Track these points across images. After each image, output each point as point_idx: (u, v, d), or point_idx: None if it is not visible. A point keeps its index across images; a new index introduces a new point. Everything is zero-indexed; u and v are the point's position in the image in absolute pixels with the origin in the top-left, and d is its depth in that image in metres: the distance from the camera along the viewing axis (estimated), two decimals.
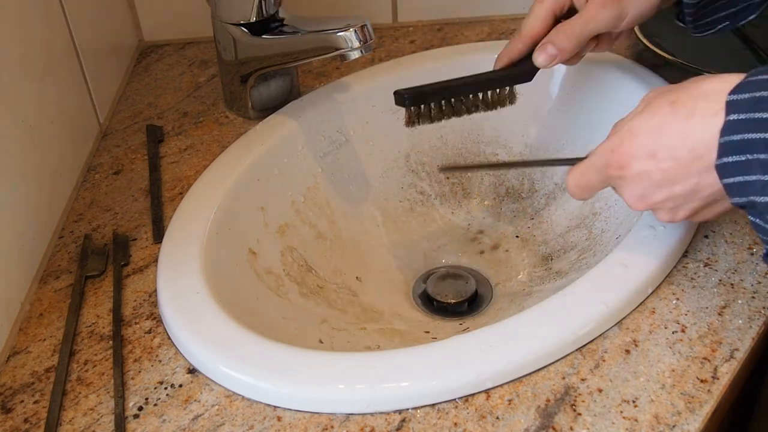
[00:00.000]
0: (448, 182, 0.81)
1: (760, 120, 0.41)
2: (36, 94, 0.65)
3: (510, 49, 0.63)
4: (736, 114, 0.42)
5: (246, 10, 0.71)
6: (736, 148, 0.42)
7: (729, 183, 0.43)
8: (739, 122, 0.42)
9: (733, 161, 0.42)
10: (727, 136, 0.42)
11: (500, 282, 0.74)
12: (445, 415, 0.49)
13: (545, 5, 0.61)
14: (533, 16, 0.62)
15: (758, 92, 0.41)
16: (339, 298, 0.69)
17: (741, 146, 0.41)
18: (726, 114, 0.42)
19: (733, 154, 0.42)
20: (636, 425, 0.47)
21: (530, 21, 0.62)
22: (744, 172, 0.42)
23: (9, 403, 0.52)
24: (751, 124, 0.41)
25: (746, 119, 0.41)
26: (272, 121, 0.75)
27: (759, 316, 0.53)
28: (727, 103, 0.43)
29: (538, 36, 0.61)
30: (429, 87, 0.62)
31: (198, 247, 0.60)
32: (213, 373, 0.52)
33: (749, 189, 0.42)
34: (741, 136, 0.41)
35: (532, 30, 0.62)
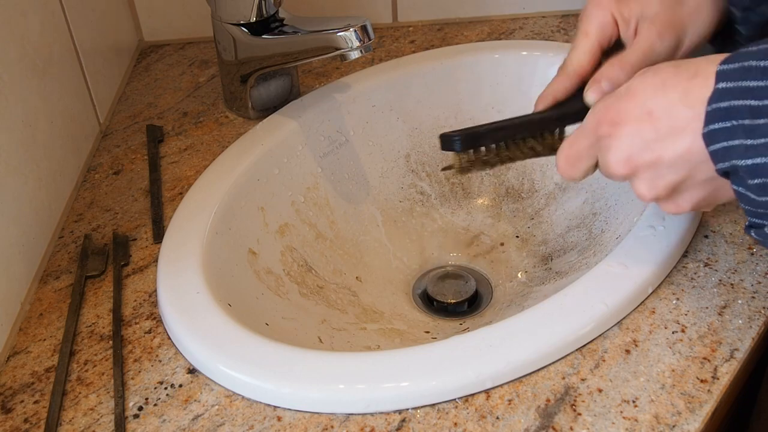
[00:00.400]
0: (448, 182, 0.81)
1: (746, 88, 0.41)
2: (36, 94, 0.65)
3: (555, 87, 0.57)
4: (724, 82, 0.42)
5: (246, 10, 0.71)
6: (723, 114, 0.42)
7: (714, 149, 0.43)
8: (726, 90, 0.42)
9: (719, 128, 0.42)
10: (714, 103, 0.42)
11: (500, 282, 0.74)
12: (445, 415, 0.49)
13: (591, 38, 0.56)
14: (580, 50, 0.56)
15: (747, 62, 0.42)
16: (339, 298, 0.69)
17: (727, 113, 0.42)
18: (715, 83, 0.43)
19: (719, 120, 0.42)
20: (636, 425, 0.47)
21: (577, 56, 0.56)
22: (728, 138, 0.42)
23: (9, 403, 0.52)
24: (737, 91, 0.41)
25: (734, 87, 0.42)
26: (272, 121, 0.75)
27: (759, 316, 0.53)
28: (717, 73, 0.43)
29: (586, 73, 0.56)
30: (480, 128, 0.55)
31: (198, 247, 0.60)
32: (213, 373, 0.52)
33: (732, 153, 0.42)
34: (728, 103, 0.42)
35: (579, 66, 0.56)
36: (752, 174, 0.41)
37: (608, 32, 0.56)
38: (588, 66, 0.56)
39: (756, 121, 0.41)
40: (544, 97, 0.58)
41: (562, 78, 0.57)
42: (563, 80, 0.57)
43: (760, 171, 0.41)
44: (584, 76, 0.56)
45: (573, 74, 0.56)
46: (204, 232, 0.61)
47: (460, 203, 0.80)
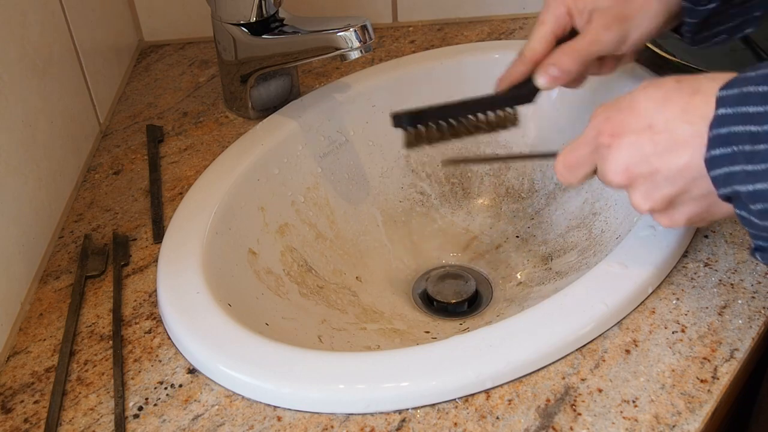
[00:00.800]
0: (448, 182, 0.81)
1: (746, 114, 0.42)
2: (36, 94, 0.65)
3: (511, 71, 0.62)
4: (724, 108, 0.43)
5: (246, 10, 0.71)
6: (723, 140, 0.42)
7: (716, 175, 0.43)
8: (726, 116, 0.42)
9: (720, 153, 0.43)
10: (715, 129, 0.43)
11: (500, 282, 0.74)
12: (445, 415, 0.49)
13: (547, 27, 0.60)
14: (535, 38, 0.60)
15: (746, 87, 0.42)
16: (339, 298, 0.69)
17: (727, 139, 0.42)
18: (716, 108, 0.43)
19: (720, 146, 0.43)
20: (636, 425, 0.47)
21: (532, 43, 0.60)
22: (729, 163, 0.42)
23: (9, 403, 0.52)
24: (737, 117, 0.42)
25: (734, 113, 0.42)
26: (272, 121, 0.75)
27: (759, 316, 0.53)
28: (717, 99, 0.43)
29: (539, 58, 0.60)
30: (428, 108, 0.61)
31: (198, 247, 0.60)
32: (213, 373, 0.52)
33: (733, 179, 0.42)
34: (728, 129, 0.42)
35: (533, 52, 0.60)
36: (754, 199, 0.42)
37: (562, 22, 0.60)
38: (542, 52, 0.60)
39: (756, 147, 0.41)
40: (501, 80, 0.63)
41: (518, 63, 0.61)
42: (519, 65, 0.61)
43: (761, 197, 0.42)
44: (538, 61, 0.60)
45: (528, 60, 0.61)
46: (204, 232, 0.61)
47: (460, 203, 0.80)
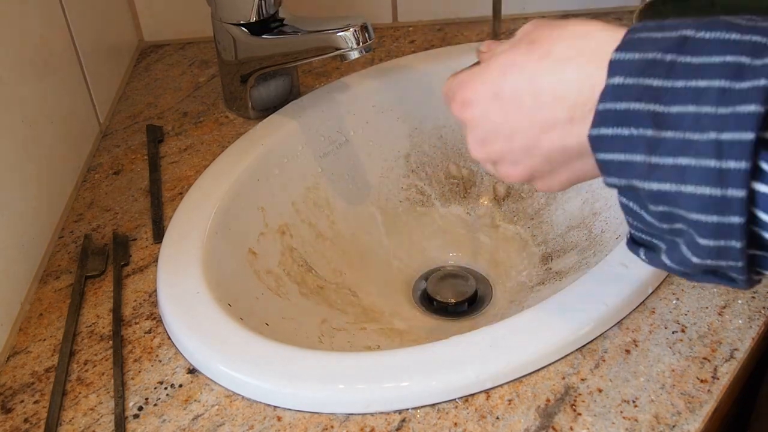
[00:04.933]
0: (448, 182, 0.81)
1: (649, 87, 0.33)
2: (36, 94, 0.65)
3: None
4: (621, 77, 0.34)
5: (246, 10, 0.71)
6: (619, 119, 0.34)
7: (606, 160, 0.35)
8: (623, 87, 0.34)
9: (612, 134, 0.34)
10: (608, 102, 0.34)
11: (500, 282, 0.74)
12: (445, 415, 0.49)
13: None
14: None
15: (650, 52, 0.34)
16: (339, 298, 0.69)
17: (623, 117, 0.34)
18: (609, 75, 0.35)
19: (613, 125, 0.34)
20: (636, 425, 0.47)
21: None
22: (626, 150, 0.34)
23: (9, 403, 0.52)
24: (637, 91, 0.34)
25: (633, 84, 0.34)
26: (272, 121, 0.75)
27: (759, 316, 0.53)
28: (611, 63, 0.35)
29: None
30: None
31: (198, 247, 0.60)
32: (213, 373, 0.52)
33: (631, 171, 0.35)
34: (626, 105, 0.34)
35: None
36: (655, 200, 0.35)
37: None
38: None
39: (661, 133, 0.33)
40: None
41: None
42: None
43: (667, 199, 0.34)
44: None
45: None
46: (204, 232, 0.61)
47: (460, 203, 0.80)
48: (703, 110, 0.32)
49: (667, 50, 0.33)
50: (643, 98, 0.34)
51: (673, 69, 0.33)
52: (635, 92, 0.34)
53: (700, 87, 0.32)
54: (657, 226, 0.36)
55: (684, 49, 0.33)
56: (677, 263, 0.37)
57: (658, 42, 0.34)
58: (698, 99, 0.32)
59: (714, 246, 0.33)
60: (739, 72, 0.31)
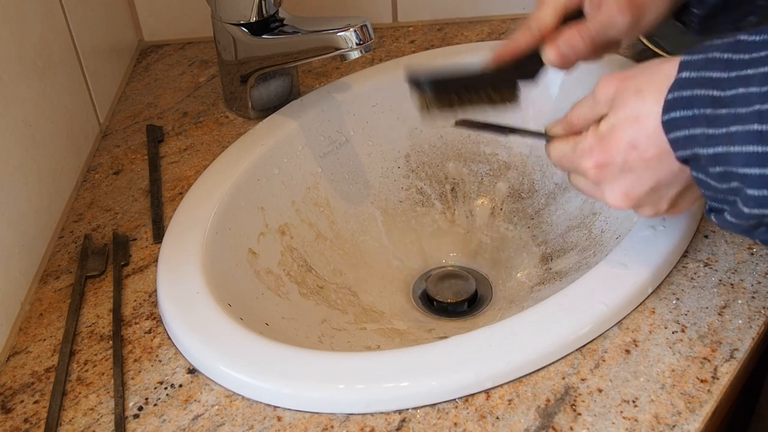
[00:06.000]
0: (448, 182, 0.81)
1: (710, 78, 0.42)
2: (36, 94, 0.65)
3: (517, 41, 0.60)
4: (687, 72, 0.43)
5: (246, 10, 0.71)
6: (684, 103, 0.43)
7: (675, 137, 0.44)
8: (690, 80, 0.43)
9: (680, 116, 0.43)
10: (676, 91, 0.43)
11: (500, 282, 0.74)
12: (445, 415, 0.49)
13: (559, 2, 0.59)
14: (545, 11, 0.59)
15: (711, 53, 0.43)
16: (339, 298, 0.69)
17: (689, 102, 0.42)
18: (678, 71, 0.43)
19: (680, 108, 0.43)
20: (636, 425, 0.47)
21: (542, 16, 0.59)
22: (690, 126, 0.43)
23: (9, 403, 0.52)
24: (700, 81, 0.42)
25: (697, 77, 0.43)
26: (272, 121, 0.75)
27: (759, 316, 0.53)
28: (681, 62, 0.44)
29: (548, 31, 0.59)
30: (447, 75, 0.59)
31: (198, 247, 0.60)
32: (213, 373, 0.52)
33: (694, 142, 0.43)
34: (690, 91, 0.43)
35: (543, 24, 0.59)
36: (713, 162, 0.42)
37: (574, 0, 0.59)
38: (551, 26, 0.59)
39: (718, 111, 0.41)
40: (505, 49, 0.61)
41: (524, 33, 0.60)
42: (525, 35, 0.59)
43: (721, 159, 0.42)
44: (545, 34, 0.59)
45: (536, 31, 0.59)
46: (204, 232, 0.61)
47: (460, 203, 0.80)
48: (750, 90, 0.40)
49: (725, 50, 0.42)
50: (705, 86, 0.42)
51: (729, 63, 0.42)
52: (699, 82, 0.42)
53: (749, 74, 0.41)
54: (718, 187, 0.43)
55: (737, 48, 0.42)
56: (736, 217, 0.44)
57: (717, 45, 0.43)
58: (747, 83, 0.41)
59: (759, 195, 0.41)
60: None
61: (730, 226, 0.45)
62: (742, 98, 0.41)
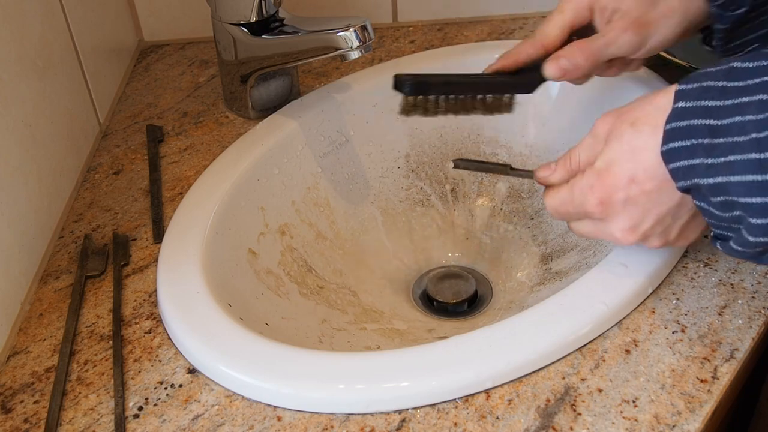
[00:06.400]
0: (448, 182, 0.81)
1: (705, 107, 0.42)
2: (36, 94, 0.65)
3: (519, 51, 0.60)
4: (683, 102, 0.43)
5: (246, 10, 0.71)
6: (683, 133, 0.43)
7: (675, 168, 0.43)
8: (686, 109, 0.43)
9: (679, 146, 0.43)
10: (674, 122, 0.43)
11: (500, 282, 0.74)
12: (445, 415, 0.49)
13: (566, 16, 0.59)
14: (551, 23, 0.59)
15: (705, 82, 0.43)
16: (339, 298, 0.69)
17: (687, 132, 0.42)
18: (674, 101, 0.44)
19: (679, 139, 0.43)
20: (636, 425, 0.47)
21: (547, 28, 0.59)
22: (689, 157, 0.43)
23: (9, 403, 0.52)
24: (697, 111, 0.42)
25: (693, 107, 0.43)
26: (272, 121, 0.75)
27: (759, 316, 0.53)
28: (676, 93, 0.44)
29: (551, 45, 0.59)
30: (432, 78, 0.59)
31: (198, 247, 0.60)
32: (213, 373, 0.52)
33: (694, 172, 0.43)
34: (687, 122, 0.42)
35: (547, 37, 0.59)
36: (714, 192, 0.42)
37: (582, 15, 0.58)
38: (555, 40, 0.59)
39: (715, 140, 0.41)
40: (506, 57, 0.60)
41: (527, 44, 0.60)
42: (528, 47, 0.59)
43: (722, 189, 0.42)
44: (549, 48, 0.59)
45: (539, 43, 0.59)
46: (204, 232, 0.61)
47: (461, 203, 0.80)
48: (746, 118, 0.40)
49: (719, 78, 0.42)
50: (701, 115, 0.42)
51: (724, 91, 0.42)
52: (695, 112, 0.42)
53: (744, 102, 0.41)
54: (721, 216, 0.43)
55: (731, 76, 0.42)
56: (741, 245, 0.44)
57: (712, 73, 0.43)
58: (743, 111, 0.40)
59: (762, 224, 0.41)
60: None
61: (737, 254, 0.45)
62: (739, 126, 0.40)
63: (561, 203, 0.52)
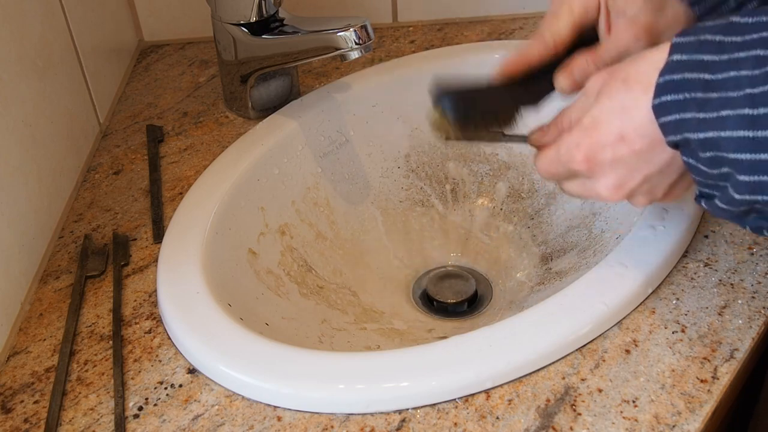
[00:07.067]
0: (448, 182, 0.81)
1: (701, 61, 0.41)
2: (36, 94, 0.65)
3: (530, 52, 0.56)
4: (679, 54, 0.42)
5: (246, 10, 0.71)
6: (675, 87, 0.42)
7: (665, 121, 0.42)
8: (680, 63, 0.42)
9: (671, 100, 0.42)
10: (667, 75, 0.42)
11: (500, 282, 0.74)
12: (445, 415, 0.49)
13: (575, 15, 0.55)
14: (562, 22, 0.55)
15: (702, 35, 0.42)
16: (339, 298, 0.69)
17: (680, 86, 0.41)
18: (669, 53, 0.42)
19: (671, 93, 0.42)
20: (636, 425, 0.47)
21: (558, 27, 0.55)
22: (680, 110, 0.41)
23: (9, 403, 0.52)
24: (691, 64, 0.41)
25: (688, 60, 0.41)
26: (272, 121, 0.75)
27: (759, 316, 0.53)
28: (673, 45, 0.42)
29: (563, 44, 0.55)
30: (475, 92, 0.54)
31: (198, 247, 0.60)
32: (213, 373, 0.52)
33: (684, 126, 0.42)
34: (681, 75, 0.41)
35: (559, 37, 0.55)
36: (704, 147, 0.41)
37: (590, 16, 0.56)
38: (566, 39, 0.56)
39: (709, 94, 0.40)
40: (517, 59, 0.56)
41: (538, 44, 0.56)
42: (539, 47, 0.56)
43: (712, 144, 0.41)
44: (559, 48, 0.56)
45: (551, 43, 0.56)
46: (204, 232, 0.61)
47: (461, 203, 0.80)
48: (741, 73, 0.39)
49: (717, 32, 0.41)
50: (696, 69, 0.41)
51: (721, 46, 0.40)
52: (690, 65, 0.41)
53: (741, 57, 0.40)
54: (709, 172, 0.42)
55: (730, 30, 0.41)
56: (727, 203, 0.43)
57: (710, 27, 0.42)
58: (738, 66, 0.40)
59: (750, 181, 0.40)
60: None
61: (721, 213, 0.44)
62: (734, 82, 0.40)
63: (549, 163, 0.51)
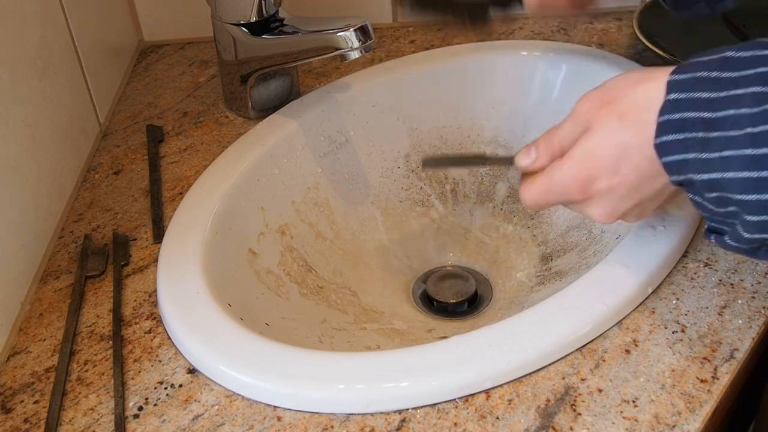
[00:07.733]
0: (448, 182, 0.81)
1: (698, 99, 0.41)
2: (36, 95, 0.65)
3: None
4: (676, 93, 0.42)
5: (246, 10, 0.71)
6: (676, 127, 0.42)
7: (668, 162, 0.43)
8: (678, 102, 0.42)
9: (672, 140, 0.42)
10: (666, 114, 0.42)
11: (500, 282, 0.74)
12: (445, 415, 0.49)
13: None
14: None
15: (698, 72, 0.42)
16: (339, 298, 0.69)
17: (680, 125, 0.42)
18: (666, 92, 0.42)
19: (672, 132, 0.42)
20: (636, 425, 0.47)
21: None
22: (683, 151, 0.42)
23: (9, 403, 0.52)
24: (690, 103, 0.41)
25: (686, 99, 0.42)
26: (272, 121, 0.75)
27: (759, 316, 0.53)
28: (668, 83, 0.43)
29: None
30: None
31: (198, 247, 0.60)
32: (213, 373, 0.52)
33: (688, 167, 0.42)
34: (680, 114, 0.42)
35: None
36: (708, 188, 0.42)
37: None
38: None
39: (709, 134, 0.41)
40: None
41: None
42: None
43: (716, 185, 0.41)
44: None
45: None
46: (204, 232, 0.61)
47: (460, 203, 0.80)
48: (741, 111, 0.39)
49: (713, 69, 0.41)
50: (695, 108, 0.41)
51: (718, 83, 0.41)
52: (688, 104, 0.41)
53: (739, 94, 0.40)
54: (716, 210, 0.43)
55: (726, 66, 0.41)
56: (736, 241, 0.43)
57: (705, 63, 0.42)
58: (738, 104, 0.40)
59: (758, 221, 0.40)
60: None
61: (731, 249, 0.45)
62: (733, 120, 0.40)
63: (540, 192, 0.50)
